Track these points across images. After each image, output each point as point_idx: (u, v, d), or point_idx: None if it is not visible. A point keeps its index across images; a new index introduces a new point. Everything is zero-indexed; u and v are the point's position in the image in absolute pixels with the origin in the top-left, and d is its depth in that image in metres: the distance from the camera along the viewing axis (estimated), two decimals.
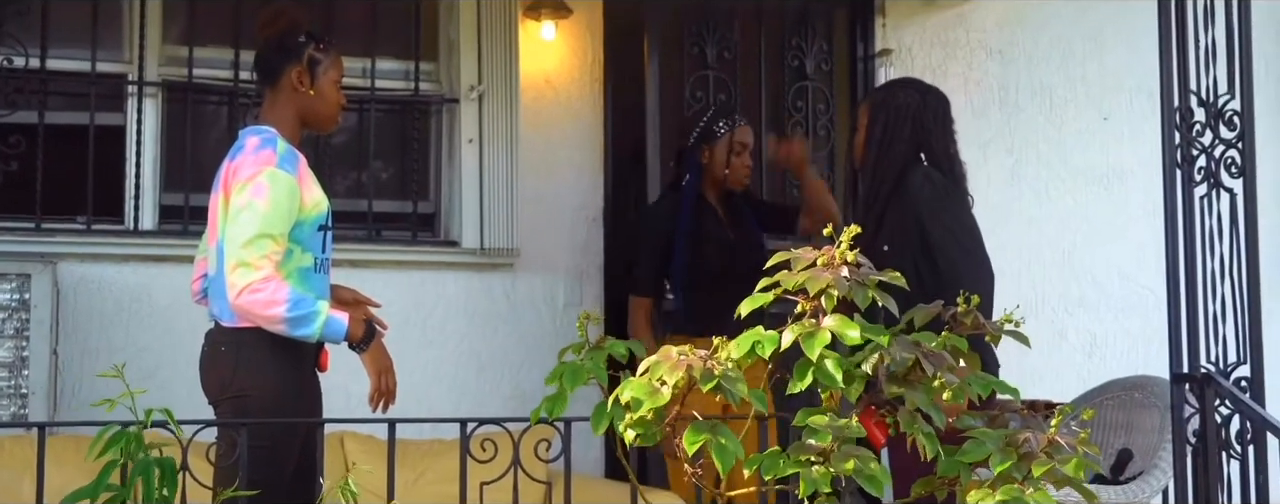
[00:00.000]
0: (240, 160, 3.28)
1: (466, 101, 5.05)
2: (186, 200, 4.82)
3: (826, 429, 1.95)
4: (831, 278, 2.01)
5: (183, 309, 4.69)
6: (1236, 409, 3.67)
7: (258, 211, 3.19)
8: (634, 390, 1.99)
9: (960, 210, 3.78)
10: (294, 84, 3.37)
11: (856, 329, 1.99)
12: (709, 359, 2.00)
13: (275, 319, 3.18)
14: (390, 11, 5.13)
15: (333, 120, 3.50)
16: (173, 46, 4.91)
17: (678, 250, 4.40)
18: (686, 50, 5.29)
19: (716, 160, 4.46)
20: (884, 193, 3.80)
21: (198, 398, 4.49)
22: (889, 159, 3.82)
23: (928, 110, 3.88)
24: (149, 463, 2.55)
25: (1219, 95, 3.81)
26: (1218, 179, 3.79)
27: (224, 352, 3.30)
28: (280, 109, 3.38)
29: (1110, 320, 5.65)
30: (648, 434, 2.02)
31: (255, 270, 3.16)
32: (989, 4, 5.68)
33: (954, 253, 3.66)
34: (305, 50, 3.38)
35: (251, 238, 3.17)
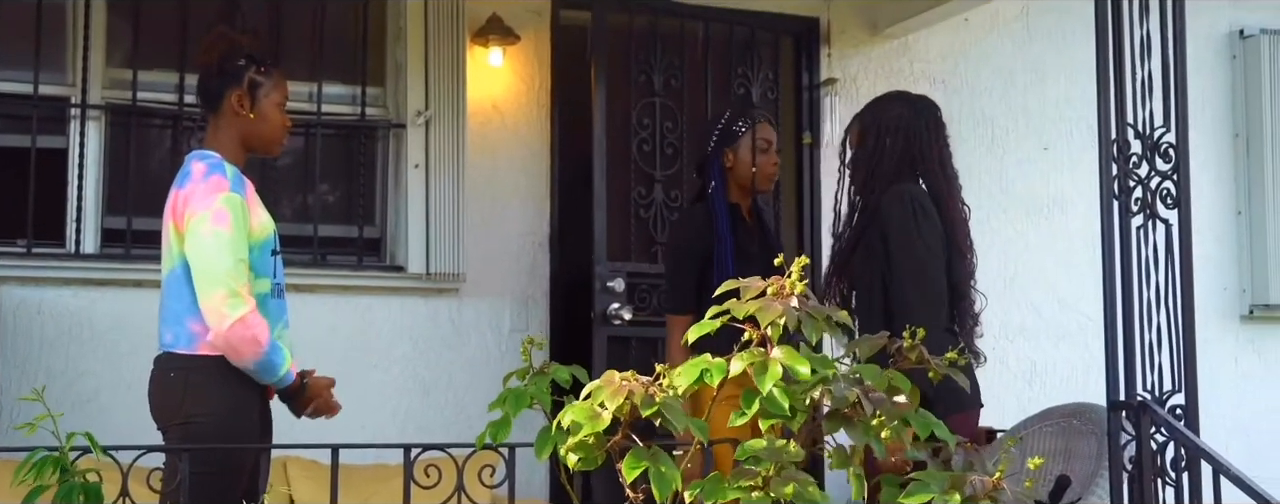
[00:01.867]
0: (190, 188, 3.27)
1: (413, 127, 5.06)
2: (129, 224, 4.79)
3: (766, 455, 1.97)
4: (782, 309, 2.02)
5: (124, 333, 4.67)
6: (1171, 437, 3.73)
7: (226, 239, 3.19)
8: (575, 414, 2.01)
9: (922, 237, 3.68)
10: (235, 108, 3.36)
11: (807, 365, 2.00)
12: (651, 385, 2.01)
13: (251, 355, 3.19)
14: (337, 36, 5.13)
15: (277, 143, 3.48)
16: (116, 69, 4.88)
17: (721, 262, 4.07)
18: (634, 77, 5.33)
19: (741, 161, 4.19)
20: (869, 208, 3.77)
21: (139, 422, 4.46)
22: (880, 175, 3.79)
23: (919, 119, 3.86)
24: (73, 488, 2.54)
25: (1155, 128, 3.88)
26: (1154, 210, 3.86)
27: (173, 377, 3.28)
28: (223, 134, 3.37)
29: (1050, 348, 5.73)
30: (588, 458, 2.03)
31: (244, 303, 3.17)
32: (932, 35, 5.76)
33: (904, 284, 3.63)
34: (246, 74, 3.37)
35: (232, 267, 3.18)
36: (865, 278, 3.71)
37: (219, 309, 3.16)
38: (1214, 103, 6.07)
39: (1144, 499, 3.69)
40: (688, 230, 4.28)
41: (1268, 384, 6.04)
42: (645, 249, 5.28)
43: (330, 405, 3.42)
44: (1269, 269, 5.95)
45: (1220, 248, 5.99)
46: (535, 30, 5.26)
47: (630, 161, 5.29)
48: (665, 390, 2.01)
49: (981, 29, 5.86)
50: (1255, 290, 5.99)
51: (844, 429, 2.04)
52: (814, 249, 5.55)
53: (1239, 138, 6.08)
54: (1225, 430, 5.75)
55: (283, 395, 3.37)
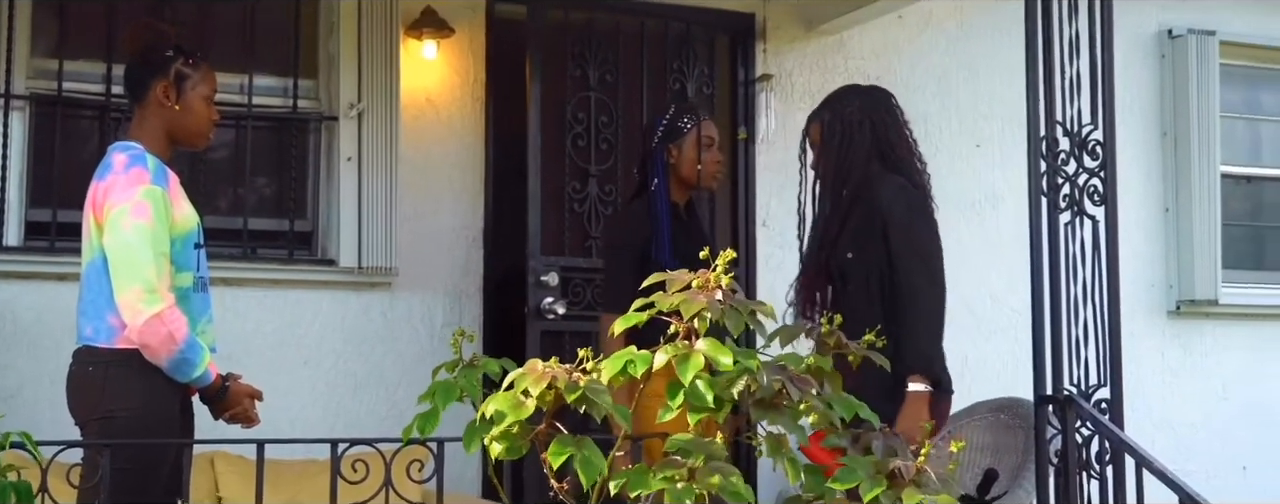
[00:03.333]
0: (110, 180, 3.22)
1: (346, 119, 5.01)
2: (54, 217, 4.72)
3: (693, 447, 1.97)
4: (706, 302, 2.03)
5: (47, 327, 4.60)
6: (1096, 430, 3.78)
7: (146, 233, 3.14)
8: (498, 404, 2.00)
9: (929, 230, 3.74)
10: (160, 99, 3.30)
11: (729, 355, 2.01)
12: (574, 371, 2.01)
13: (165, 353, 3.14)
14: (268, 27, 5.07)
15: (203, 136, 3.42)
16: (41, 59, 4.80)
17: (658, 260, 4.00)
18: (569, 72, 5.32)
19: (685, 158, 4.15)
20: (848, 199, 3.76)
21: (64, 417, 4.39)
22: (850, 166, 3.78)
23: (878, 109, 3.86)
24: (4, 487, 2.50)
25: (1083, 125, 3.93)
26: (1081, 206, 3.90)
27: (92, 372, 3.23)
28: (148, 125, 3.32)
29: (982, 342, 5.78)
30: (513, 448, 2.02)
31: (161, 299, 3.12)
32: (867, 32, 5.79)
33: (917, 276, 3.64)
34: (172, 65, 3.32)
35: (151, 260, 3.13)
36: (859, 268, 3.70)
37: (134, 305, 3.12)
38: (1142, 102, 6.15)
39: (1069, 492, 3.74)
40: (626, 228, 4.25)
41: (1193, 379, 6.14)
42: (579, 243, 5.27)
43: (249, 416, 3.37)
44: (1196, 265, 6.05)
45: (1148, 244, 6.08)
46: (469, 24, 5.23)
47: (565, 156, 5.28)
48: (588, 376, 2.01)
49: (915, 27, 5.90)
50: (1182, 286, 6.08)
51: (771, 417, 2.05)
52: (748, 243, 5.58)
53: (1167, 136, 6.16)
54: (1152, 424, 5.85)
55: (203, 396, 3.32)
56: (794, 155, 5.63)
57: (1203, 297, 6.04)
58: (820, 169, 3.89)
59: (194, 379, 3.23)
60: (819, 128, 3.89)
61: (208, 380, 3.24)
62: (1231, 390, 6.18)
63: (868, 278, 3.69)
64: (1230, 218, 6.26)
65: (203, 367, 3.21)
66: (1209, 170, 6.08)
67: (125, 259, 3.15)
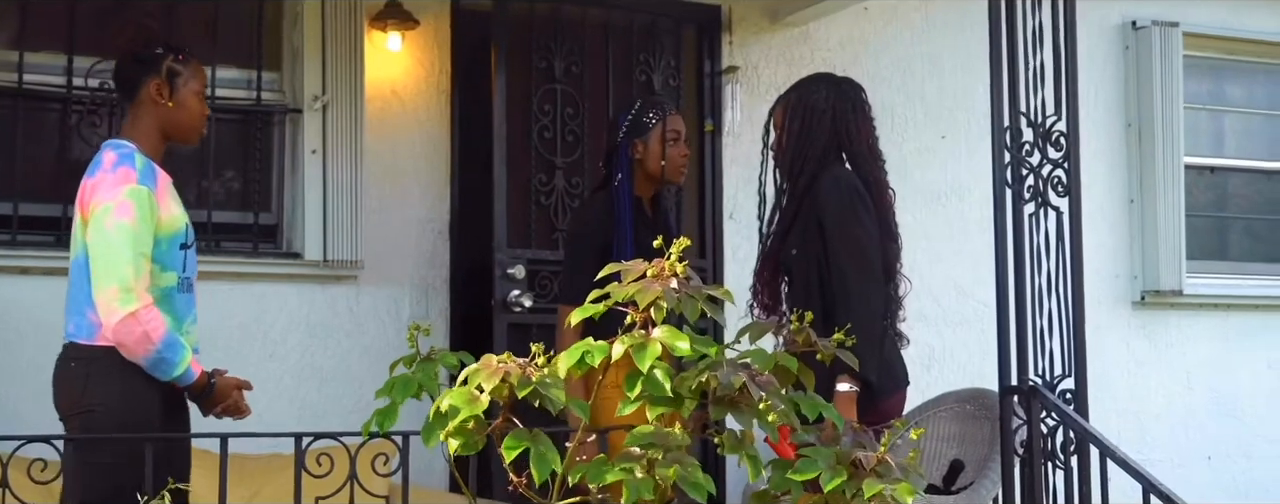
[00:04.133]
0: (98, 178, 3.24)
1: (310, 112, 4.98)
2: (15, 209, 4.67)
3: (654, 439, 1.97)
4: (660, 290, 2.03)
5: (10, 321, 4.56)
6: (1061, 421, 3.80)
7: (129, 231, 3.15)
8: (453, 399, 1.99)
9: (860, 222, 3.64)
10: (153, 97, 3.34)
11: (686, 340, 2.01)
12: (527, 366, 2.01)
13: (142, 353, 3.16)
14: (232, 19, 5.04)
15: (196, 132, 3.46)
16: (2, 51, 4.75)
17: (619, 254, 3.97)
18: (534, 63, 5.30)
19: (651, 153, 4.14)
20: (800, 191, 3.72)
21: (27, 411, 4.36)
22: (808, 158, 3.74)
23: (845, 101, 3.81)
24: None
25: (1047, 116, 3.95)
26: (1045, 197, 3.92)
27: (74, 367, 3.24)
28: (141, 123, 3.34)
29: (949, 334, 5.80)
30: (469, 443, 2.02)
31: (137, 299, 3.13)
32: (832, 24, 5.80)
33: (848, 273, 3.57)
34: (163, 62, 3.35)
35: (129, 260, 3.14)
36: (801, 263, 3.67)
37: (110, 304, 3.13)
38: (1107, 93, 6.18)
39: (1034, 483, 3.76)
40: (588, 220, 4.24)
41: (1158, 369, 6.18)
42: (546, 236, 5.26)
43: (240, 408, 3.38)
44: (1160, 256, 6.08)
45: (1113, 235, 6.11)
46: (434, 15, 5.21)
47: (531, 148, 5.26)
48: (541, 370, 2.00)
49: (881, 19, 5.91)
50: (1147, 277, 6.12)
51: (732, 414, 2.05)
52: (716, 236, 5.58)
53: (1131, 127, 6.20)
54: (1117, 414, 5.88)
55: (191, 394, 3.33)
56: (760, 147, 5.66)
57: (1167, 287, 6.08)
58: (777, 153, 3.86)
59: (175, 378, 3.23)
60: (782, 110, 3.86)
61: (191, 378, 3.25)
62: (1196, 380, 6.23)
63: (807, 273, 3.67)
64: (1194, 208, 6.30)
65: (183, 365, 3.21)
66: (1173, 161, 6.12)
67: (105, 257, 3.16)
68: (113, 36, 3.47)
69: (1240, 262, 6.53)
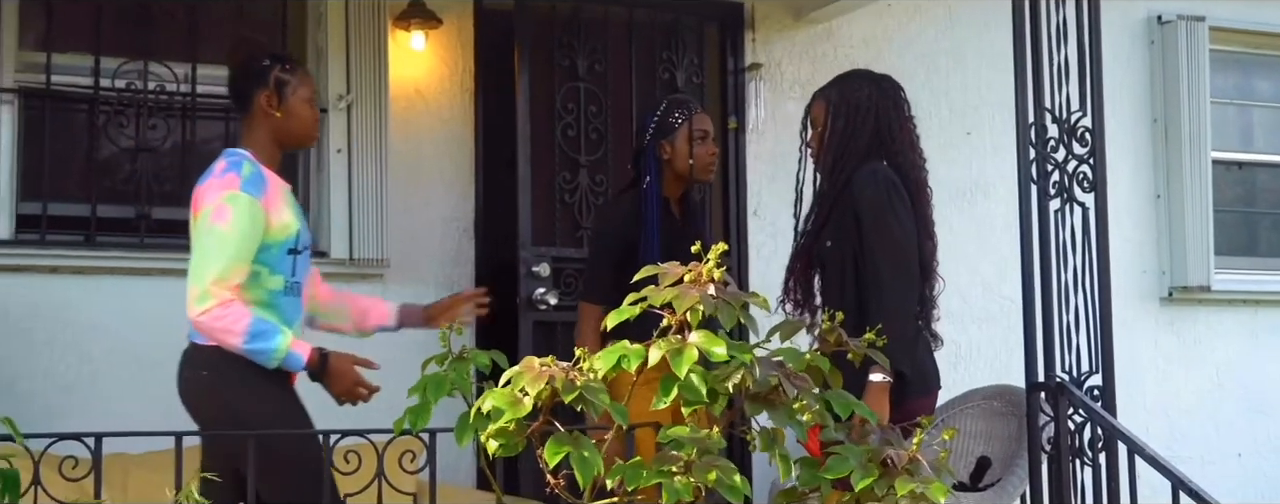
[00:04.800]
0: (207, 184, 3.35)
1: (335, 111, 5.00)
2: (45, 210, 4.71)
3: (688, 441, 1.97)
4: (698, 295, 2.03)
5: (41, 321, 4.60)
6: (1089, 417, 3.78)
7: (219, 235, 3.25)
8: (495, 400, 2.00)
9: (897, 215, 3.61)
10: (264, 108, 3.43)
11: (723, 346, 2.01)
12: (571, 370, 2.01)
13: (232, 346, 3.25)
14: (256, 19, 5.06)
15: (310, 137, 3.58)
16: (29, 52, 4.78)
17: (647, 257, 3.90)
18: (557, 62, 5.31)
19: (678, 153, 4.10)
20: (839, 187, 3.69)
21: (56, 410, 4.40)
22: (850, 156, 3.71)
23: (887, 100, 3.78)
24: None
25: (1071, 112, 3.94)
26: (1071, 193, 3.91)
27: (206, 376, 3.32)
28: (256, 132, 3.44)
29: (975, 331, 5.79)
30: (509, 444, 2.02)
31: (212, 297, 3.22)
32: (856, 20, 5.79)
33: (882, 267, 3.55)
34: (271, 73, 3.44)
35: (211, 263, 3.24)
36: (835, 256, 3.65)
37: (189, 304, 3.25)
38: (1132, 88, 6.15)
39: (1062, 480, 3.75)
40: (613, 220, 4.23)
41: (1186, 365, 6.15)
42: (571, 234, 5.26)
43: (354, 391, 3.39)
44: (1187, 252, 6.05)
45: (1140, 231, 6.09)
46: (458, 14, 5.22)
47: (555, 146, 5.27)
48: (585, 374, 2.01)
49: (904, 14, 5.89)
50: (1174, 273, 6.09)
51: (766, 412, 2.05)
52: (740, 234, 5.57)
53: (1157, 123, 6.17)
54: (1145, 411, 5.86)
55: (313, 378, 3.39)
56: (785, 144, 5.65)
57: (1195, 283, 6.05)
58: (816, 150, 3.82)
59: (281, 364, 3.29)
60: (824, 106, 3.81)
61: (299, 363, 3.32)
62: (1225, 376, 6.20)
63: (842, 267, 3.65)
64: (1222, 204, 6.27)
65: (281, 351, 3.27)
66: (1200, 156, 6.09)
67: (195, 259, 3.28)
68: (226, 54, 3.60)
69: (1269, 257, 6.50)
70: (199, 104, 4.91)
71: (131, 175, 4.84)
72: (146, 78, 4.83)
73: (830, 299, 3.63)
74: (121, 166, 4.88)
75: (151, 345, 4.70)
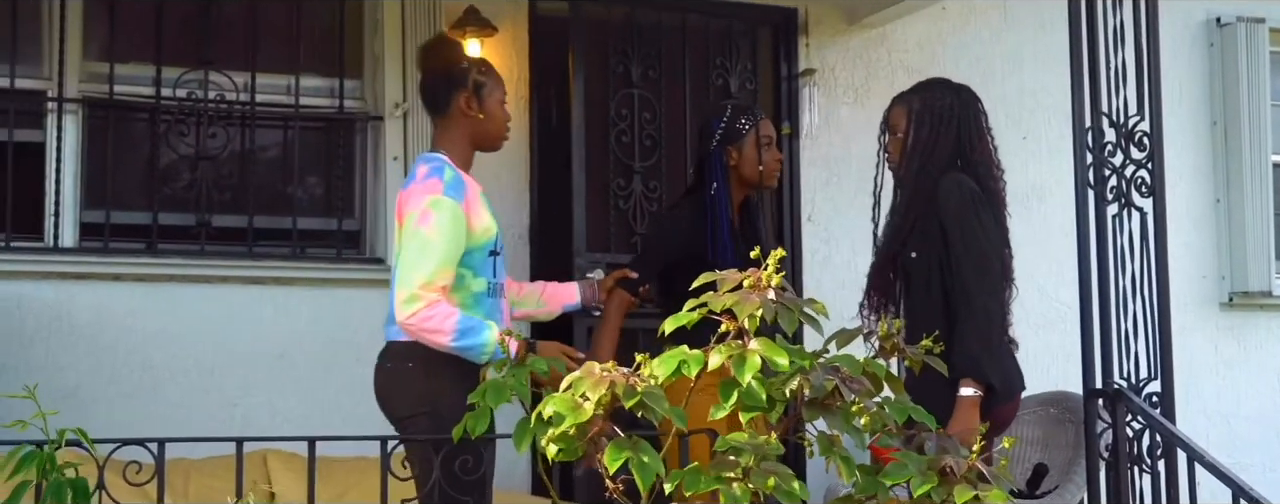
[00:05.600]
0: (411, 189, 3.37)
1: (391, 119, 5.05)
2: (108, 218, 4.78)
3: (747, 447, 1.97)
4: (759, 302, 2.03)
5: (104, 327, 4.67)
6: (1147, 424, 3.75)
7: (423, 239, 3.26)
8: (556, 405, 2.01)
9: (983, 225, 3.60)
10: (463, 110, 3.45)
11: (785, 356, 2.01)
12: (632, 376, 2.02)
13: (441, 346, 3.25)
14: (315, 28, 5.12)
15: (502, 139, 3.60)
16: (93, 63, 4.87)
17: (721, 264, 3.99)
18: (612, 68, 5.33)
19: (746, 159, 4.06)
20: (923, 197, 3.67)
21: (120, 415, 4.47)
22: (933, 165, 3.69)
23: (968, 110, 3.76)
24: (61, 483, 2.54)
25: (1129, 116, 3.91)
26: (1129, 198, 3.88)
27: (411, 367, 3.33)
28: (452, 135, 3.46)
29: (1031, 336, 5.70)
30: (570, 449, 2.04)
31: (421, 300, 3.23)
32: (910, 25, 5.77)
33: (968, 276, 3.54)
34: (470, 76, 3.46)
35: (417, 267, 3.25)
36: (922, 266, 3.63)
37: (397, 308, 3.26)
38: (1191, 91, 6.09)
39: (1120, 487, 3.72)
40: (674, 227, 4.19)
41: (1247, 371, 6.08)
42: (625, 239, 5.28)
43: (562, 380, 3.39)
44: (1248, 256, 5.99)
45: (1199, 235, 6.02)
46: (512, 22, 5.25)
47: (609, 153, 5.29)
48: (646, 381, 2.02)
49: (959, 18, 5.87)
50: (1234, 278, 6.02)
51: (823, 417, 2.05)
52: (793, 238, 5.57)
53: (1217, 126, 6.11)
54: (1205, 418, 5.80)
55: None
56: (838, 149, 5.64)
57: (1256, 288, 5.98)
58: (896, 157, 3.78)
59: (492, 359, 3.21)
60: (904, 113, 3.77)
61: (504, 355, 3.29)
62: None
63: (928, 277, 3.63)
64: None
65: (489, 347, 3.25)
66: (1260, 160, 6.02)
67: (401, 263, 3.30)
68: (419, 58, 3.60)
69: None
70: (257, 112, 4.98)
71: (192, 183, 4.91)
72: (207, 87, 4.90)
73: (917, 309, 3.61)
74: (182, 175, 4.95)
75: (211, 352, 4.78)
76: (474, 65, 3.51)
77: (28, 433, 2.54)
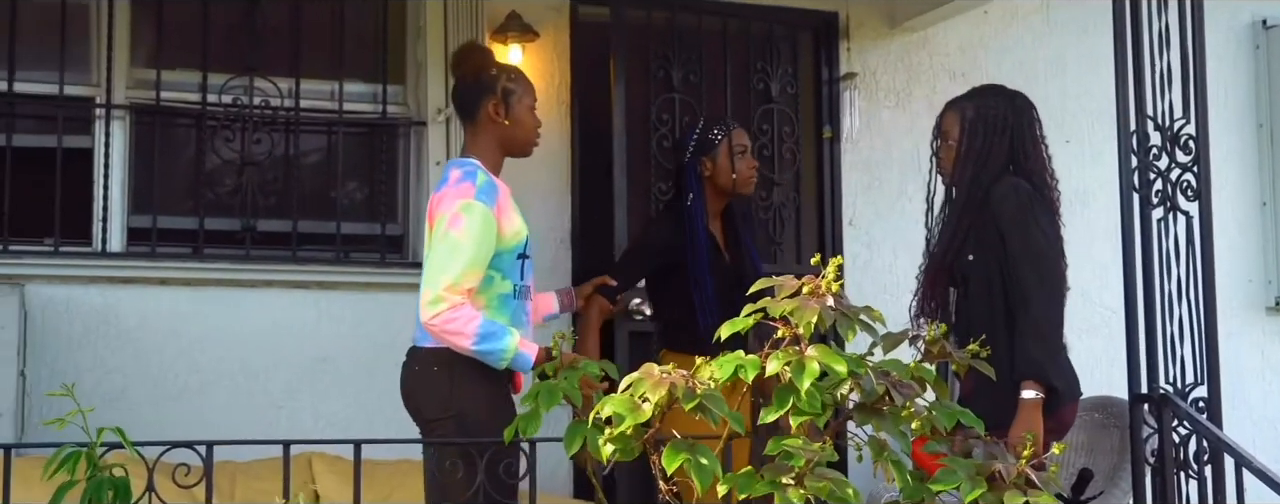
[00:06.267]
0: (443, 192, 3.40)
1: (434, 124, 5.08)
2: (154, 223, 4.83)
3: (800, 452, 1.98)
4: (818, 309, 2.04)
5: (150, 331, 4.71)
6: (1194, 430, 3.72)
7: (453, 242, 3.29)
8: (615, 407, 2.02)
9: (1041, 227, 3.61)
10: (491, 116, 3.48)
11: (843, 364, 2.01)
12: (691, 378, 2.03)
13: (462, 348, 3.27)
14: (357, 34, 5.16)
15: (532, 145, 3.62)
16: (140, 69, 4.92)
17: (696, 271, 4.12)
18: (653, 73, 5.34)
19: (720, 169, 4.20)
20: (977, 202, 3.67)
21: (166, 418, 4.51)
22: (987, 172, 3.69)
23: (1021, 118, 3.76)
24: (102, 483, 2.56)
25: (1175, 120, 3.88)
26: (1174, 202, 3.86)
27: (437, 372, 3.35)
28: (481, 141, 3.50)
29: (1074, 341, 5.61)
30: (627, 450, 2.04)
31: (445, 301, 3.25)
32: (952, 28, 5.75)
33: (1027, 279, 3.54)
34: (499, 83, 3.49)
35: (444, 269, 3.27)
36: (979, 271, 3.63)
37: (422, 308, 3.28)
38: (1237, 94, 6.04)
39: (1166, 493, 3.69)
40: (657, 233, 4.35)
41: None
42: None
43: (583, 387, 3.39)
44: None
45: (1245, 239, 5.98)
46: (554, 27, 5.27)
47: (650, 157, 5.30)
48: (705, 383, 2.03)
49: (1001, 21, 5.85)
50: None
51: (873, 422, 2.05)
52: (835, 242, 5.56)
53: (1263, 128, 6.05)
54: (1252, 423, 5.74)
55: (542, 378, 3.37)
56: (879, 154, 5.63)
57: None
58: (948, 163, 3.78)
59: (510, 365, 3.30)
60: (958, 119, 3.77)
61: (527, 364, 3.31)
62: None
63: (987, 281, 3.62)
64: None
65: (510, 352, 3.27)
66: None
67: (428, 264, 3.33)
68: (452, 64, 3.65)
69: None
70: (302, 118, 5.02)
71: (237, 188, 4.95)
72: (252, 93, 4.94)
73: (975, 315, 3.60)
74: (227, 180, 4.99)
75: (255, 355, 4.83)
76: (503, 72, 3.53)
77: (71, 434, 2.57)
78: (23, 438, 4.31)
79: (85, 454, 2.55)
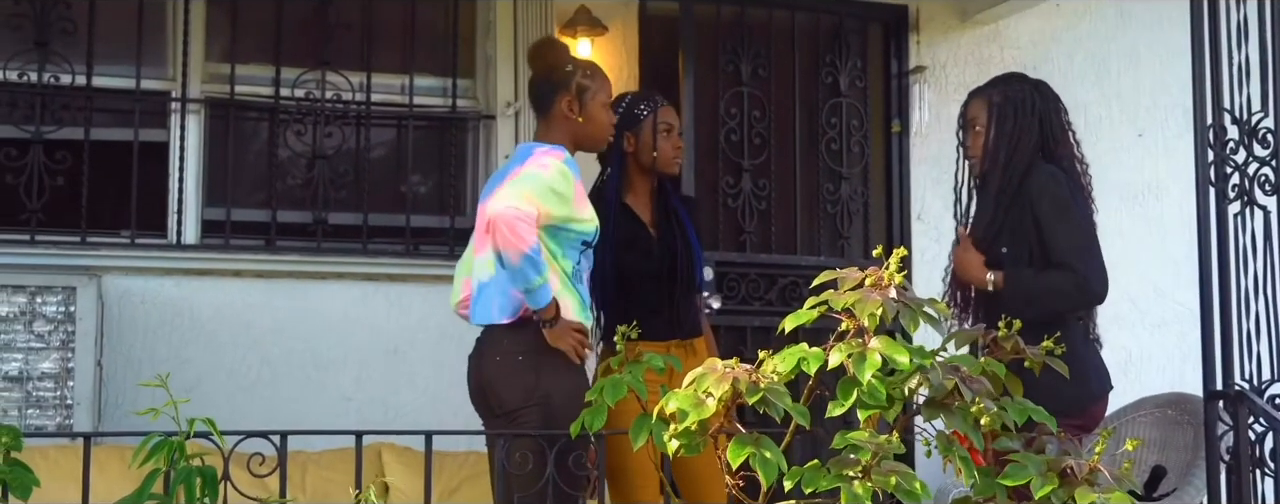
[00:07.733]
0: (533, 155, 3.42)
1: (503, 118, 5.11)
2: (228, 215, 4.90)
3: (867, 445, 1.97)
4: (881, 301, 2.02)
5: (225, 322, 4.78)
6: (1270, 427, 3.67)
7: (534, 176, 3.32)
8: (680, 402, 2.02)
9: (1080, 214, 3.62)
10: (565, 112, 3.51)
11: (907, 355, 2.00)
12: (754, 373, 2.03)
13: (514, 250, 3.23)
14: (428, 29, 5.20)
15: (604, 140, 3.65)
16: (215, 64, 4.99)
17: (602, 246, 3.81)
18: (722, 67, 5.33)
19: (643, 145, 3.97)
20: (1010, 193, 3.66)
21: (240, 409, 4.57)
22: (1019, 157, 3.68)
23: (1048, 105, 3.76)
24: (190, 471, 2.60)
25: (1252, 113, 3.82)
26: (1251, 196, 3.80)
27: (522, 360, 3.36)
28: (554, 135, 3.53)
29: (1146, 337, 5.65)
30: (692, 445, 2.05)
31: (518, 208, 3.24)
32: (1023, 21, 5.70)
33: (1068, 252, 3.54)
34: (573, 79, 3.52)
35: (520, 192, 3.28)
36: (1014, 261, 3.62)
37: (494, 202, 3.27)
38: None
39: (1242, 490, 3.64)
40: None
41: None
42: (733, 238, 5.29)
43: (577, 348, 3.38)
44: None
45: None
46: (623, 21, 5.28)
47: (718, 151, 5.30)
48: (768, 377, 2.02)
49: (1074, 14, 5.78)
50: None
51: (943, 417, 2.03)
52: (903, 236, 5.53)
53: None
54: None
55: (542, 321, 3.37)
56: (948, 147, 5.57)
57: None
58: (977, 151, 3.76)
59: (533, 289, 3.28)
60: (985, 106, 3.75)
61: (546, 298, 3.31)
62: None
63: (1021, 265, 3.60)
64: None
65: (537, 282, 3.27)
66: None
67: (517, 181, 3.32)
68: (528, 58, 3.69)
69: None
70: (372, 112, 5.06)
71: (309, 181, 5.01)
72: (324, 87, 4.99)
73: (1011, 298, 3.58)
74: (299, 173, 5.05)
75: (327, 346, 4.88)
76: (579, 68, 3.54)
77: (159, 422, 2.61)
78: (99, 426, 4.39)
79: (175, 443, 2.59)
